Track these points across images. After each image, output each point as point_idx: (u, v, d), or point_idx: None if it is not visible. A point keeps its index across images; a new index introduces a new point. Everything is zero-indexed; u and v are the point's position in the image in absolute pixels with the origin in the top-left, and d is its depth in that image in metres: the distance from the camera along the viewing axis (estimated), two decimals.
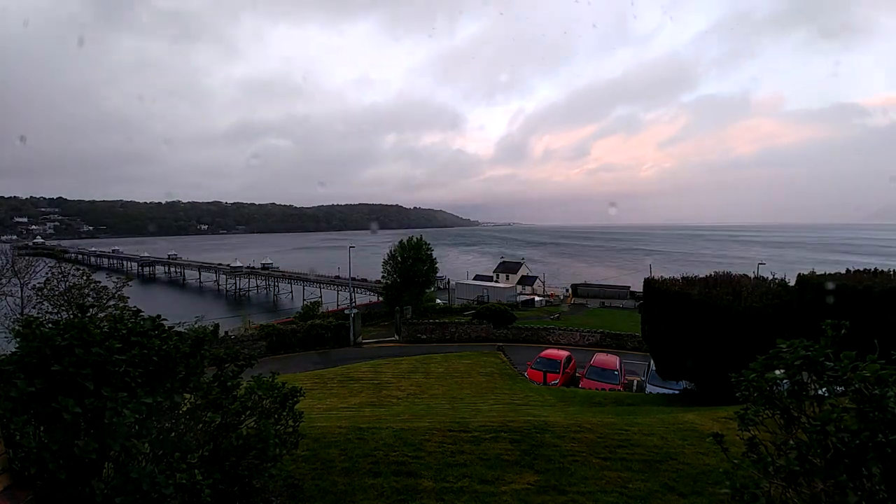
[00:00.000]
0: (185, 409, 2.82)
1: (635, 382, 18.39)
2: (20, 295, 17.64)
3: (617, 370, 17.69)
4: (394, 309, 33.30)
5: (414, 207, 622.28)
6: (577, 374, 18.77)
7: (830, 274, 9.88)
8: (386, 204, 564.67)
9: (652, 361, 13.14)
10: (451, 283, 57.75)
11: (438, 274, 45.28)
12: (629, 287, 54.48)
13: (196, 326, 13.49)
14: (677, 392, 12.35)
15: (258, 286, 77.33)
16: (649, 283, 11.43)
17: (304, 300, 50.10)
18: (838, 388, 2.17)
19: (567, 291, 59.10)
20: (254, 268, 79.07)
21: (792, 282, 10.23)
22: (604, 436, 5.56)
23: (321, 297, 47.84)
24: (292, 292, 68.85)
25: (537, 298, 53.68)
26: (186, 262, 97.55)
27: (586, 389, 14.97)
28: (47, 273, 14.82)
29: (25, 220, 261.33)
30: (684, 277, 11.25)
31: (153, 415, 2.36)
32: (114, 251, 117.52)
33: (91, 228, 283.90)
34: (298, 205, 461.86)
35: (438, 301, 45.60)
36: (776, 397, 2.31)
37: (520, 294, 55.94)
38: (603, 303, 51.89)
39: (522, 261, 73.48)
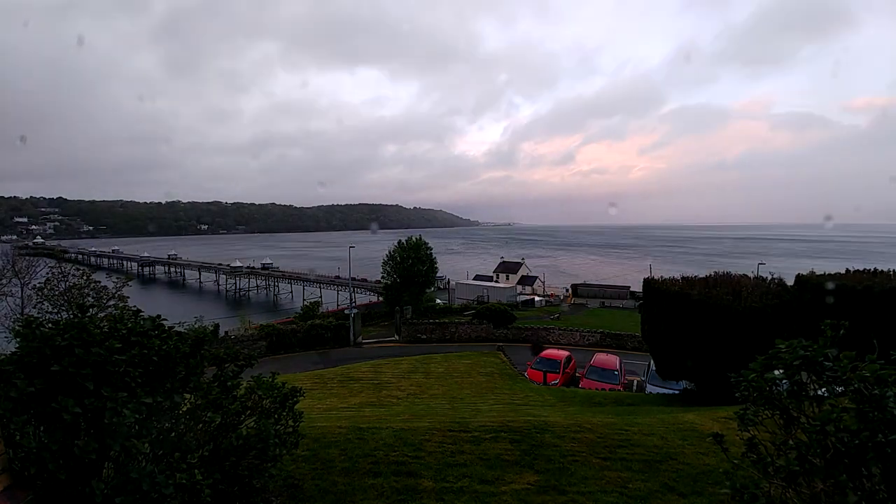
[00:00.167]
0: (185, 409, 2.82)
1: (635, 382, 18.39)
2: (20, 295, 17.68)
3: (617, 370, 17.68)
4: (394, 309, 33.31)
5: (414, 207, 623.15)
6: (577, 374, 18.77)
7: (830, 274, 9.88)
8: (386, 204, 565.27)
9: (652, 361, 13.14)
10: (451, 283, 57.77)
11: (438, 274, 45.28)
12: (629, 287, 54.46)
13: (196, 326, 13.50)
14: (677, 392, 12.34)
15: (258, 286, 77.36)
16: (649, 283, 11.42)
17: (304, 300, 50.11)
18: (838, 389, 2.17)
19: (567, 291, 59.08)
20: (254, 268, 79.08)
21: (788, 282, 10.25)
22: (604, 436, 5.56)
23: (321, 297, 47.88)
24: (292, 292, 68.88)
25: (537, 298, 53.67)
26: (186, 262, 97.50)
27: (586, 389, 14.96)
28: (47, 273, 14.84)
29: (25, 220, 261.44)
30: (684, 277, 11.25)
31: (153, 415, 2.36)
32: (114, 251, 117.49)
33: (91, 228, 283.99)
34: (298, 205, 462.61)
35: (438, 301, 45.60)
36: (775, 397, 2.31)
37: (520, 294, 55.93)
38: (603, 303, 51.88)
39: (522, 261, 73.43)
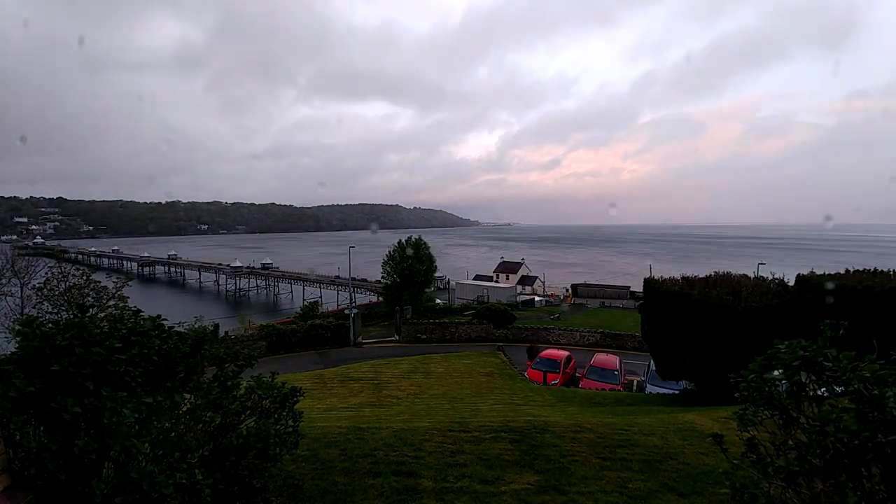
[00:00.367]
0: (185, 409, 2.82)
1: (635, 382, 18.38)
2: (20, 295, 17.66)
3: (617, 370, 17.68)
4: (394, 309, 33.30)
5: (413, 207, 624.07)
6: (578, 375, 18.77)
7: (830, 274, 9.88)
8: (386, 204, 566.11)
9: (652, 361, 13.14)
10: (451, 283, 57.75)
11: (438, 274, 45.27)
12: (629, 287, 54.47)
13: (196, 326, 13.49)
14: (677, 392, 12.34)
15: (258, 286, 77.39)
16: (649, 283, 11.42)
17: (304, 300, 50.14)
18: (837, 389, 2.17)
19: (567, 291, 59.09)
20: (254, 268, 79.07)
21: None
22: (604, 436, 5.56)
23: (321, 297, 47.92)
24: (292, 292, 68.91)
25: (537, 298, 53.65)
26: (186, 262, 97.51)
27: (586, 389, 14.96)
28: (47, 273, 14.81)
29: (25, 220, 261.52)
30: (684, 277, 11.24)
31: (153, 415, 2.36)
32: (114, 251, 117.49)
33: (91, 228, 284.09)
34: (298, 205, 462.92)
35: (438, 301, 45.59)
36: (775, 398, 2.31)
37: (520, 294, 55.93)
38: (603, 303, 51.88)
39: (522, 261, 73.44)
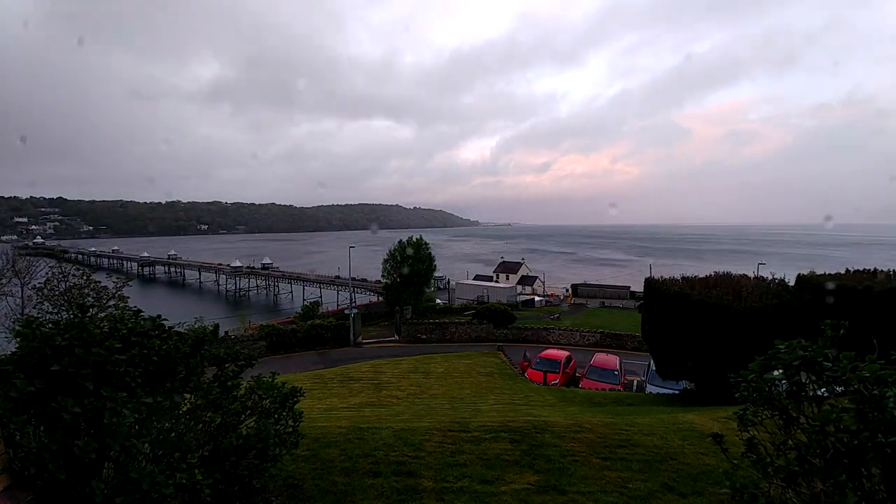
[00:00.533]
0: (185, 409, 2.82)
1: (635, 382, 18.38)
2: (20, 295, 17.67)
3: (617, 370, 17.68)
4: (394, 309, 33.31)
5: (414, 207, 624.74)
6: (577, 374, 18.77)
7: (830, 274, 9.88)
8: (386, 204, 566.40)
9: (652, 361, 13.14)
10: (451, 283, 57.74)
11: (438, 274, 45.26)
12: (629, 287, 54.48)
13: (196, 326, 13.51)
14: (677, 392, 12.34)
15: (258, 286, 77.35)
16: (649, 284, 11.42)
17: (304, 300, 50.12)
18: (837, 389, 2.17)
19: (567, 291, 59.08)
20: (254, 268, 79.05)
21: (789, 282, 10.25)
22: (604, 436, 5.56)
23: (321, 297, 47.87)
24: (292, 292, 68.87)
25: (537, 298, 53.65)
26: (186, 263, 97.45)
27: (586, 389, 14.97)
28: (47, 273, 14.83)
29: (25, 220, 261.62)
30: (684, 277, 11.25)
31: (153, 415, 2.36)
32: (114, 251, 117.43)
33: (91, 228, 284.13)
34: (298, 205, 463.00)
35: (438, 301, 45.59)
36: (775, 398, 2.31)
37: (520, 294, 55.93)
38: (603, 303, 51.87)
39: (522, 261, 73.43)
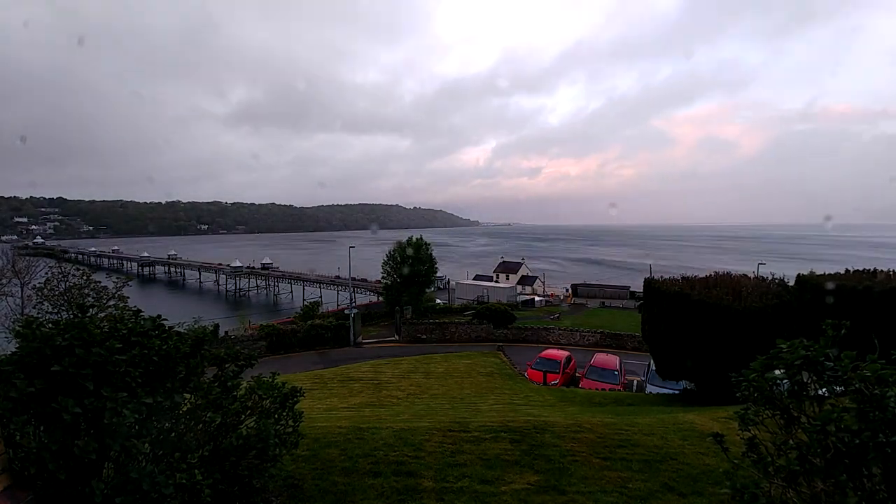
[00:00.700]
0: (185, 409, 2.81)
1: (635, 382, 18.38)
2: (20, 295, 17.68)
3: (617, 370, 17.68)
4: (394, 309, 33.31)
5: (413, 208, 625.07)
6: (577, 374, 18.77)
7: (830, 274, 9.88)
8: (386, 204, 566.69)
9: (652, 361, 13.14)
10: (451, 283, 57.75)
11: (438, 274, 45.28)
12: (629, 287, 54.49)
13: (196, 326, 13.49)
14: (677, 392, 12.34)
15: (258, 286, 77.36)
16: (649, 284, 11.42)
17: (304, 300, 50.11)
18: (838, 388, 2.16)
19: (567, 291, 59.10)
20: (254, 268, 79.05)
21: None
22: (604, 436, 5.56)
23: (321, 297, 47.86)
24: (292, 292, 68.88)
25: (537, 298, 53.67)
26: (186, 263, 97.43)
27: (586, 389, 14.97)
28: (47, 273, 14.82)
29: (25, 220, 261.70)
30: (684, 277, 11.25)
31: (153, 415, 2.36)
32: (114, 251, 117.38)
33: (91, 228, 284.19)
34: (298, 205, 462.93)
35: (438, 301, 45.61)
36: (776, 397, 2.31)
37: (520, 294, 55.96)
38: (603, 303, 51.89)
39: (522, 261, 73.44)
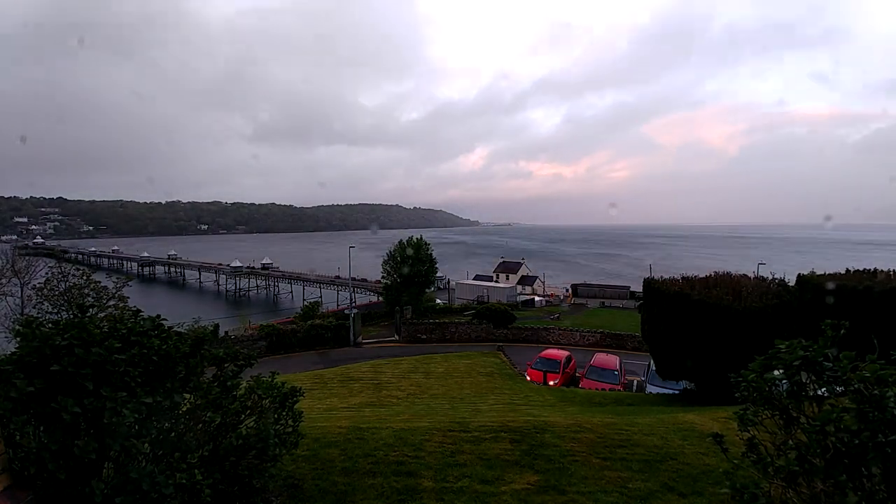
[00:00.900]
0: (185, 409, 2.81)
1: (635, 382, 18.38)
2: (20, 295, 17.67)
3: (617, 370, 17.68)
4: (394, 309, 33.31)
5: (413, 207, 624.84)
6: (578, 374, 18.77)
7: (830, 274, 9.88)
8: (386, 204, 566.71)
9: (652, 361, 13.14)
10: (451, 283, 57.75)
11: (438, 274, 45.30)
12: (629, 287, 54.49)
13: (196, 326, 13.48)
14: (677, 392, 12.33)
15: (258, 286, 77.40)
16: (649, 284, 11.41)
17: (304, 300, 50.10)
18: (838, 389, 2.16)
19: (567, 291, 59.09)
20: (254, 268, 79.06)
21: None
22: (604, 436, 5.56)
23: (321, 297, 47.87)
24: (292, 292, 68.93)
25: (537, 298, 53.66)
26: (186, 263, 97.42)
27: (586, 389, 14.96)
28: (47, 273, 14.84)
29: (25, 220, 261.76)
30: (684, 277, 11.24)
31: (153, 415, 2.36)
32: (114, 251, 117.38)
33: (91, 228, 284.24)
34: (298, 205, 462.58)
35: (438, 301, 45.60)
36: (775, 398, 2.31)
37: (520, 294, 55.95)
38: (603, 303, 51.88)
39: (522, 261, 73.43)
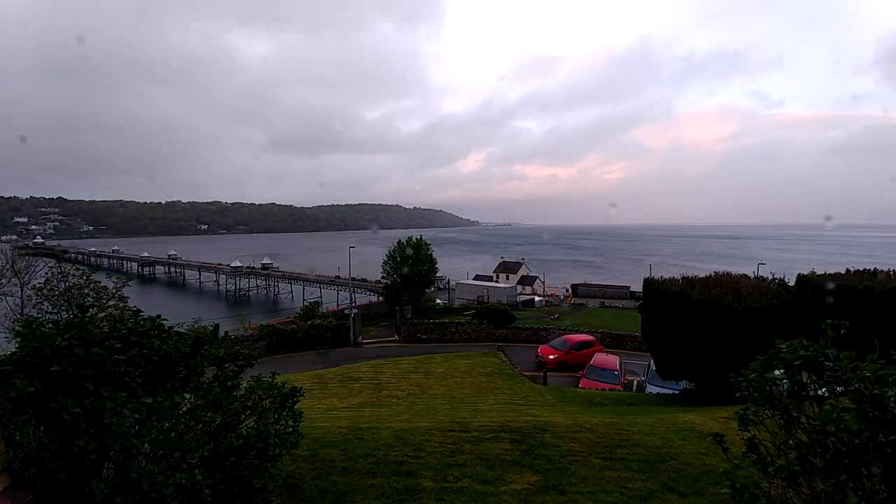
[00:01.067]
0: (185, 409, 2.81)
1: (635, 382, 18.37)
2: (20, 295, 17.67)
3: (617, 370, 17.67)
4: (394, 309, 33.29)
5: (413, 207, 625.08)
6: (578, 375, 18.75)
7: (830, 274, 9.88)
8: (386, 204, 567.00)
9: (652, 361, 13.14)
10: (451, 283, 57.76)
11: (438, 274, 45.30)
12: (629, 287, 54.49)
13: (196, 326, 13.50)
14: (677, 392, 12.33)
15: (258, 286, 77.38)
16: (649, 284, 11.41)
17: (304, 300, 50.09)
18: (838, 388, 2.16)
19: (567, 291, 59.11)
20: (254, 268, 79.06)
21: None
22: (604, 436, 5.56)
23: (321, 297, 47.86)
24: (292, 292, 68.90)
25: (537, 298, 53.68)
26: (186, 263, 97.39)
27: (586, 389, 14.96)
28: (47, 273, 14.85)
29: (25, 220, 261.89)
30: (684, 277, 11.24)
31: (153, 415, 2.36)
32: (114, 251, 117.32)
33: (91, 228, 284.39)
34: (298, 205, 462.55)
35: (438, 301, 45.58)
36: (776, 397, 2.31)
37: (520, 294, 55.97)
38: (603, 303, 51.88)
39: (522, 261, 73.45)
